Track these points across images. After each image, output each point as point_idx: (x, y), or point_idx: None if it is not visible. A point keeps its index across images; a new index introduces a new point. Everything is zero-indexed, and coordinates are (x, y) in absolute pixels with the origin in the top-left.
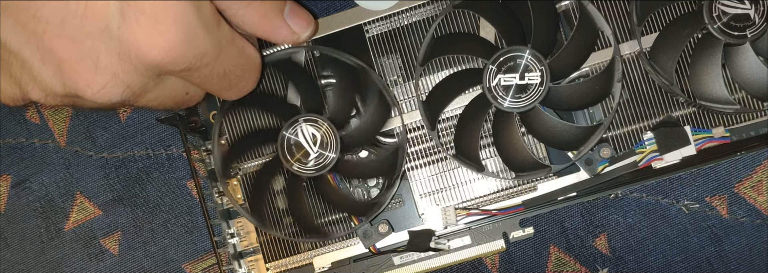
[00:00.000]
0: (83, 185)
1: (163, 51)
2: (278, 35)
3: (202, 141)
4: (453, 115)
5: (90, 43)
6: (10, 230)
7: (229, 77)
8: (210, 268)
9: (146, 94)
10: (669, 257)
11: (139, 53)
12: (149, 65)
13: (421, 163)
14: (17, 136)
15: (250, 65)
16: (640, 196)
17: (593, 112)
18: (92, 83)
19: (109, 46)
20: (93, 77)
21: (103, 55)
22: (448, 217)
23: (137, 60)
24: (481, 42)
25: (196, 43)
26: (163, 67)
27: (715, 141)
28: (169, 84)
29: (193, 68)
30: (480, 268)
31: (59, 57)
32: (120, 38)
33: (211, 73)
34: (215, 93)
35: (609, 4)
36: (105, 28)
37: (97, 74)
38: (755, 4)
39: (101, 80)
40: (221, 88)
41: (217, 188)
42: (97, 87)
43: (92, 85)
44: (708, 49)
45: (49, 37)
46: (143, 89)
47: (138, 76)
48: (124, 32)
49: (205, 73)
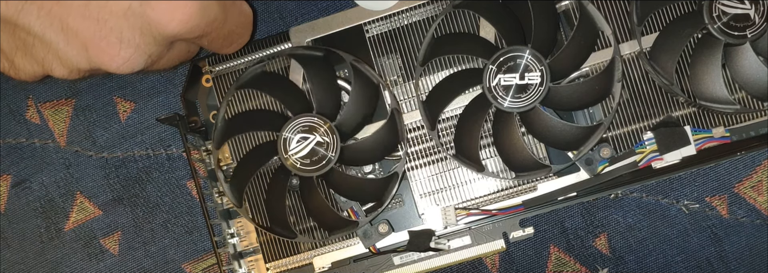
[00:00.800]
0: (83, 185)
1: (181, 22)
2: None
3: (202, 141)
4: (453, 115)
5: (113, 21)
6: (10, 230)
7: (231, 36)
8: (210, 268)
9: (161, 59)
10: (669, 257)
11: (160, 26)
12: (168, 35)
13: (421, 163)
14: (17, 136)
15: (247, 22)
16: (640, 196)
17: (593, 112)
18: (117, 57)
19: (131, 23)
20: (118, 52)
21: (126, 31)
22: (448, 217)
23: (158, 32)
24: (481, 42)
25: (208, 11)
26: (180, 36)
27: (715, 141)
28: (177, 47)
29: (205, 34)
30: (480, 268)
31: (84, 36)
32: (142, 14)
33: (219, 35)
34: (217, 50)
35: (609, 4)
36: (128, 7)
37: (122, 49)
38: (755, 4)
39: (125, 54)
40: (223, 46)
41: (217, 188)
42: (122, 60)
43: (117, 59)
44: (708, 49)
45: (73, 18)
46: (160, 56)
47: (157, 46)
48: (145, 9)
49: (214, 36)
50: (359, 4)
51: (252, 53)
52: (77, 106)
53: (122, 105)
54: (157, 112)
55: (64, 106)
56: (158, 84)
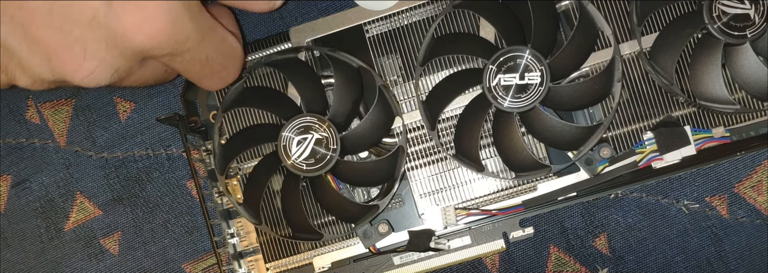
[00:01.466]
0: (83, 185)
1: (148, 36)
2: (254, 5)
3: (202, 141)
4: (453, 115)
5: (78, 31)
6: (10, 230)
7: (211, 65)
8: (210, 268)
9: (131, 75)
10: (669, 257)
11: (126, 39)
12: (135, 50)
13: (421, 163)
14: (17, 136)
15: (232, 54)
16: (640, 196)
17: (593, 112)
18: (81, 69)
19: (96, 34)
20: (81, 63)
21: (91, 42)
22: (448, 217)
23: (124, 45)
24: (481, 42)
25: (179, 28)
26: (149, 52)
27: (715, 141)
28: (149, 65)
29: (176, 53)
30: (480, 268)
31: (47, 45)
32: (107, 26)
33: (193, 58)
34: (197, 81)
35: (609, 4)
36: (93, 17)
37: (86, 60)
38: (755, 4)
39: (89, 66)
40: (203, 76)
41: (217, 188)
42: (86, 72)
43: (81, 71)
44: (708, 49)
45: (36, 26)
46: (129, 72)
47: (124, 60)
48: (111, 20)
49: (188, 58)
50: (359, 4)
51: (252, 53)
52: (77, 106)
53: (122, 105)
54: (157, 112)
55: (64, 106)
56: None
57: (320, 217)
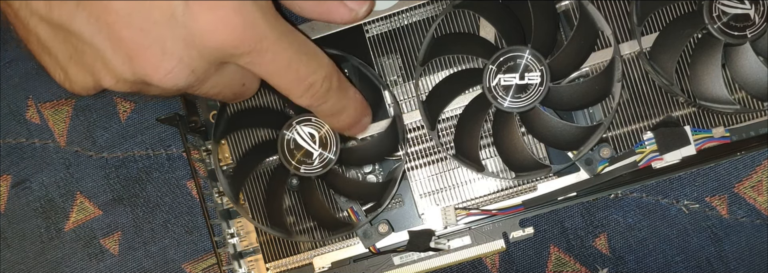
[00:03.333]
0: (83, 185)
1: (224, 34)
2: (336, 15)
3: (202, 141)
4: (453, 115)
5: (157, 31)
6: (10, 230)
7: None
8: (210, 268)
9: (208, 80)
10: (669, 257)
11: (203, 38)
12: (213, 49)
13: (421, 163)
14: (17, 136)
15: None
16: (640, 196)
17: (593, 112)
18: (159, 68)
19: (175, 33)
20: (160, 63)
21: (170, 41)
22: (448, 217)
23: (201, 45)
24: (481, 42)
25: (255, 27)
26: (226, 51)
27: (715, 141)
28: (228, 72)
29: (254, 51)
30: (480, 268)
31: (128, 45)
32: (185, 25)
33: (275, 59)
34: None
35: (609, 4)
36: (171, 16)
37: (164, 60)
38: (755, 4)
39: (168, 65)
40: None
41: (217, 188)
42: (164, 71)
43: (159, 70)
44: (708, 49)
45: (119, 27)
46: (206, 75)
47: (202, 61)
48: (188, 19)
49: (268, 59)
50: None
51: None
52: (77, 106)
53: (122, 105)
54: (157, 112)
55: (64, 106)
56: None
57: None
